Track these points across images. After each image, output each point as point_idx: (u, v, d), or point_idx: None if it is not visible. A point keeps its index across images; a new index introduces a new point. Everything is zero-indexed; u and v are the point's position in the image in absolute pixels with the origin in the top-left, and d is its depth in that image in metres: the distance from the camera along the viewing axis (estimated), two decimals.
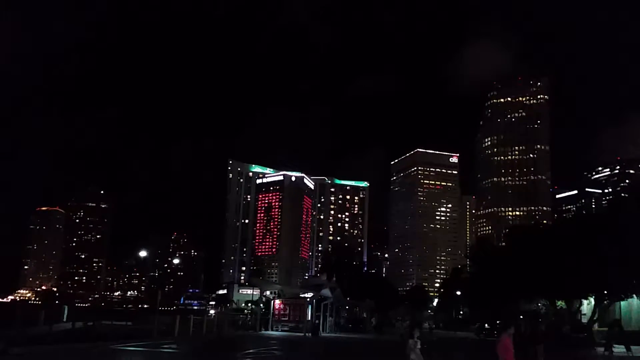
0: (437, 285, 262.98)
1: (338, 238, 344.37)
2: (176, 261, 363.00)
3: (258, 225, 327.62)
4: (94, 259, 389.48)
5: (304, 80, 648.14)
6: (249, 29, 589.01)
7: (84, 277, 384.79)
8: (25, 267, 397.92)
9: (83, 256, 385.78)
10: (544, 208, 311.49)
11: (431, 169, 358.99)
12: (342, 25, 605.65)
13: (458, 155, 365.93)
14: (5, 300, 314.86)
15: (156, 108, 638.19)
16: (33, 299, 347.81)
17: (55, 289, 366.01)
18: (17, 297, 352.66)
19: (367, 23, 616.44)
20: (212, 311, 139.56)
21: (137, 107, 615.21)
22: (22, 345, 26.45)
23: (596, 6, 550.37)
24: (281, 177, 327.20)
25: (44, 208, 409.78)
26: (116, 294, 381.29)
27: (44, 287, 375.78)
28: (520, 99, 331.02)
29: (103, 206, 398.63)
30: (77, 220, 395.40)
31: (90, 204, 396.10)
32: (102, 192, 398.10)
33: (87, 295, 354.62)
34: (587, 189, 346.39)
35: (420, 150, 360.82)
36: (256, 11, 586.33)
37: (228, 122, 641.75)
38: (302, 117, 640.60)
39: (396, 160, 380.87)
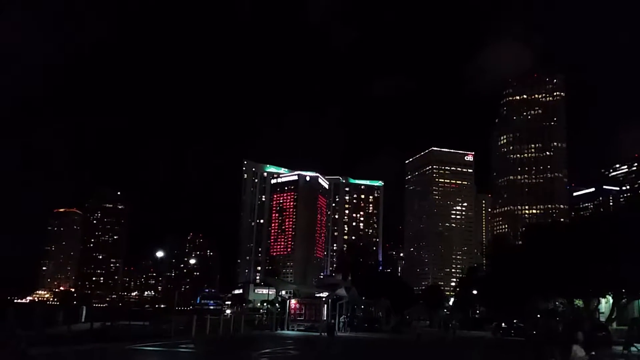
0: (452, 284, 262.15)
1: (353, 237, 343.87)
2: (192, 261, 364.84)
3: (273, 225, 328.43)
4: (112, 260, 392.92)
5: (319, 80, 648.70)
6: (264, 30, 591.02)
7: (102, 278, 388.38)
8: (44, 268, 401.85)
9: (100, 257, 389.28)
10: (561, 206, 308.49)
11: (446, 168, 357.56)
12: (357, 25, 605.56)
13: (473, 153, 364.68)
14: (24, 301, 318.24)
15: (172, 109, 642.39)
16: (51, 299, 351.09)
17: (73, 290, 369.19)
18: (36, 298, 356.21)
19: (382, 23, 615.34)
20: (228, 311, 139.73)
21: (153, 108, 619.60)
22: (41, 346, 26.77)
23: (615, 3, 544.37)
24: (296, 177, 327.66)
25: (61, 209, 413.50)
26: (133, 294, 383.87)
27: (62, 288, 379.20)
28: (536, 96, 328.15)
29: (120, 207, 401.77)
30: (95, 222, 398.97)
31: (107, 205, 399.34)
32: (118, 193, 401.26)
33: (105, 296, 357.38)
34: (604, 187, 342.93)
35: (435, 148, 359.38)
36: (272, 13, 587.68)
37: (243, 123, 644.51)
38: (316, 117, 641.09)
39: (411, 159, 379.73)
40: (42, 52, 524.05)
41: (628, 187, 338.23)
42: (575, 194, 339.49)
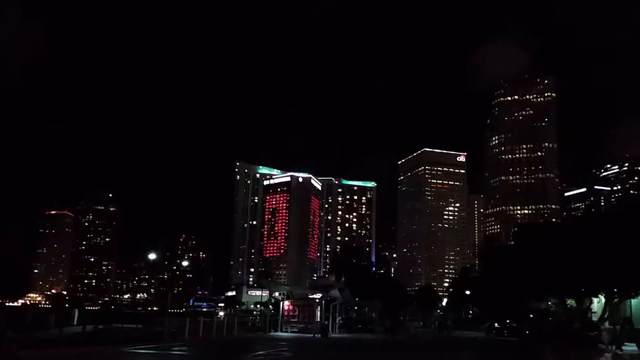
0: (446, 284, 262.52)
1: (346, 238, 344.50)
2: (185, 263, 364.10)
3: (266, 226, 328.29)
4: (104, 262, 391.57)
5: (312, 81, 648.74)
6: (258, 30, 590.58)
7: (94, 280, 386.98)
8: (35, 270, 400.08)
9: (92, 259, 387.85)
10: (553, 206, 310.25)
11: (438, 168, 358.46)
12: (350, 27, 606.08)
13: (465, 154, 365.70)
14: (15, 304, 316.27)
15: (164, 110, 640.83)
16: (43, 302, 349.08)
17: (65, 293, 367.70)
18: (28, 301, 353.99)
19: (374, 25, 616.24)
20: (221, 313, 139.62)
21: (145, 110, 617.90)
22: (32, 349, 26.62)
23: (607, 4, 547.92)
24: (288, 178, 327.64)
25: (53, 212, 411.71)
26: (126, 296, 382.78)
27: (54, 291, 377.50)
28: (528, 97, 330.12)
29: (112, 209, 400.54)
30: (86, 224, 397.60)
31: (99, 207, 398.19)
32: (110, 195, 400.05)
33: (97, 298, 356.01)
34: (595, 187, 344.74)
35: (427, 149, 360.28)
36: (267, 13, 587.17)
37: (236, 124, 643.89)
38: (309, 118, 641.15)
39: (403, 160, 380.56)
40: (35, 53, 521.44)
41: (619, 187, 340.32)
42: (566, 194, 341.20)
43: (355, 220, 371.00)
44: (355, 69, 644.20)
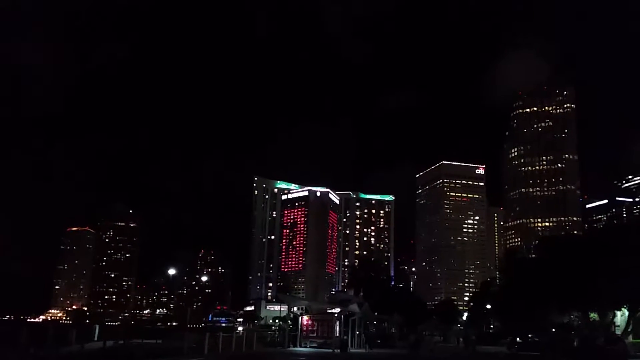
0: (466, 298, 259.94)
1: (364, 252, 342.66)
2: (204, 278, 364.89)
3: (284, 241, 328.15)
4: (124, 278, 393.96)
5: (330, 94, 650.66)
6: (275, 44, 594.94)
7: (114, 296, 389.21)
8: (57, 287, 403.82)
9: (113, 275, 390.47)
10: (574, 218, 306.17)
11: (457, 181, 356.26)
12: (368, 39, 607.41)
13: (484, 166, 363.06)
14: (37, 320, 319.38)
15: (183, 126, 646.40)
16: (64, 318, 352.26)
17: (85, 308, 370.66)
18: (49, 317, 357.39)
19: (394, 36, 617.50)
20: (240, 328, 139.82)
21: (163, 126, 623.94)
22: None
23: (627, 15, 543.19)
24: (306, 193, 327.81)
25: (74, 228, 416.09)
26: (146, 312, 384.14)
27: (74, 307, 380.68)
28: (547, 108, 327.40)
29: (132, 225, 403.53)
30: (107, 240, 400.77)
31: (119, 224, 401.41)
32: (130, 211, 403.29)
33: (117, 314, 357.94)
34: (617, 198, 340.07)
35: (445, 162, 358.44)
36: (285, 28, 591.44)
37: (254, 138, 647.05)
38: (327, 132, 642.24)
39: (422, 173, 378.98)
40: (54, 70, 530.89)
41: None
42: (588, 205, 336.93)
43: (373, 234, 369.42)
44: (372, 83, 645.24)
